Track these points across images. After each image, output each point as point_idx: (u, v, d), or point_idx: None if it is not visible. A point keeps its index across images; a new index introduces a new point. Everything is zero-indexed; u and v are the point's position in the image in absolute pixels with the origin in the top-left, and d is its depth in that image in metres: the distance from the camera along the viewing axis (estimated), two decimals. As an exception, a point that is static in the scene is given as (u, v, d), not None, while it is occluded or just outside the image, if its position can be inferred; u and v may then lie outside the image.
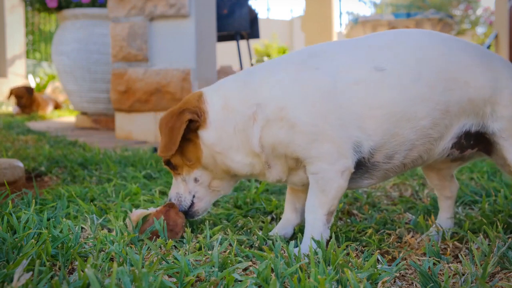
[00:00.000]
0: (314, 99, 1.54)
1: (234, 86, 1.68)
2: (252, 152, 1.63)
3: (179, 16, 4.76)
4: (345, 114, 1.54)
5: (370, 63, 1.59)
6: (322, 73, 1.58)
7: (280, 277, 1.25)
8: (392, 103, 1.55)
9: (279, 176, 1.67)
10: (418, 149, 1.62)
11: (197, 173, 1.72)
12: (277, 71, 1.63)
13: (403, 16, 7.19)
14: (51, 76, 11.68)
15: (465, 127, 1.63)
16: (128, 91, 4.94)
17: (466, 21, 15.14)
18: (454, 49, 1.64)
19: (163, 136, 1.66)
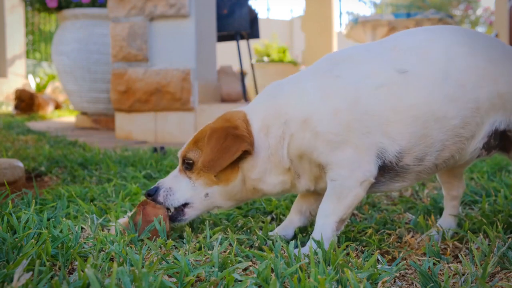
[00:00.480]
0: (336, 108, 1.52)
1: (266, 104, 1.63)
2: (283, 170, 1.61)
3: (179, 16, 4.76)
4: (369, 121, 1.51)
5: (392, 65, 1.56)
6: (343, 80, 1.56)
7: (280, 277, 1.25)
8: (417, 105, 1.53)
9: (307, 185, 1.65)
10: (450, 149, 1.59)
11: (215, 190, 1.65)
12: (302, 82, 1.61)
13: (403, 16, 7.19)
14: (51, 76, 11.68)
15: (495, 124, 1.60)
16: (128, 91, 4.94)
17: (466, 21, 15.14)
18: (482, 45, 1.62)
19: (211, 151, 1.57)
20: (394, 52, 1.60)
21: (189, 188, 1.67)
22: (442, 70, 1.55)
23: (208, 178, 1.64)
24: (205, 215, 1.97)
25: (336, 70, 1.60)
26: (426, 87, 1.53)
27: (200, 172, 1.64)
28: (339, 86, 1.56)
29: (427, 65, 1.55)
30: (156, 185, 1.70)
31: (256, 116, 1.62)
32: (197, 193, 1.66)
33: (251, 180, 1.62)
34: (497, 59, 1.60)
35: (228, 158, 1.55)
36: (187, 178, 1.67)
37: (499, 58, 1.61)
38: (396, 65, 1.56)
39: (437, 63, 1.56)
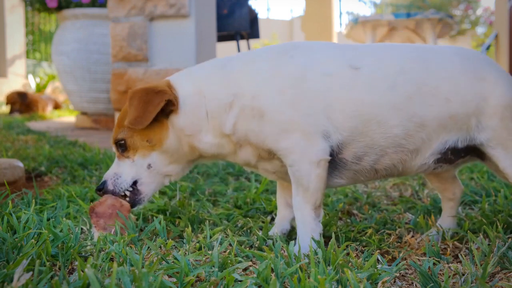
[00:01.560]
0: (282, 86, 1.55)
1: (211, 73, 1.67)
2: (222, 134, 1.63)
3: (179, 16, 4.77)
4: (313, 102, 1.54)
5: (346, 61, 1.60)
6: (294, 61, 1.60)
7: (280, 277, 1.25)
8: (361, 102, 1.55)
9: (248, 159, 1.67)
10: (391, 157, 1.60)
11: (154, 157, 1.68)
12: (257, 60, 1.64)
13: (403, 16, 7.19)
14: (51, 76, 11.68)
15: (448, 144, 1.60)
16: (128, 91, 4.93)
17: (466, 21, 15.13)
18: (438, 63, 1.61)
19: (135, 109, 1.60)
20: (353, 51, 1.64)
21: (131, 166, 1.70)
22: (392, 79, 1.56)
23: (143, 149, 1.68)
24: (205, 215, 1.97)
25: (292, 52, 1.63)
26: (373, 88, 1.56)
27: (135, 144, 1.68)
28: (288, 66, 1.59)
29: (379, 70, 1.58)
30: (102, 180, 1.74)
31: (188, 79, 1.67)
32: (140, 167, 1.69)
33: (186, 136, 1.65)
34: (453, 79, 1.58)
35: (153, 109, 1.59)
36: (126, 159, 1.70)
37: (456, 78, 1.59)
38: (350, 61, 1.59)
39: (389, 72, 1.57)
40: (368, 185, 2.69)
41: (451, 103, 1.57)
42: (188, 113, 1.63)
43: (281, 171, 1.68)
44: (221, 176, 2.82)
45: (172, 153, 1.68)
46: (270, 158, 1.64)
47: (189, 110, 1.63)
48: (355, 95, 1.55)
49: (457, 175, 1.91)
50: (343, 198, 2.34)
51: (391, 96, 1.56)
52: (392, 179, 2.77)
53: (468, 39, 14.96)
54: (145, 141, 1.67)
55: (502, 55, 7.83)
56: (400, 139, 1.58)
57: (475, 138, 1.60)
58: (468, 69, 1.61)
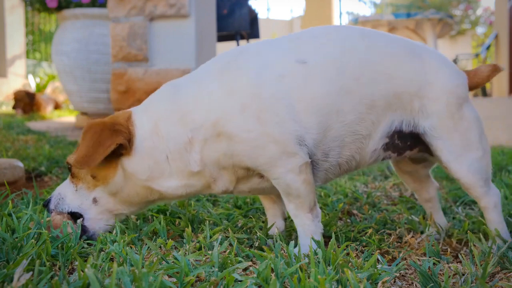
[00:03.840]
0: (241, 102, 1.46)
1: (164, 107, 1.55)
2: (190, 173, 1.54)
3: (179, 16, 4.77)
4: (276, 109, 1.46)
5: (292, 56, 1.53)
6: (244, 73, 1.51)
7: (280, 277, 1.25)
8: (319, 95, 1.50)
9: (225, 187, 1.59)
10: (349, 147, 1.57)
11: (98, 192, 1.60)
12: (204, 81, 1.54)
13: (403, 16, 7.19)
14: (51, 76, 11.68)
15: (394, 125, 1.58)
16: (128, 91, 4.94)
17: (466, 21, 15.14)
18: (380, 41, 1.60)
19: (85, 146, 1.51)
20: (295, 43, 1.57)
21: (74, 194, 1.62)
22: (339, 63, 1.53)
23: (87, 181, 1.59)
24: (205, 215, 1.97)
25: (236, 63, 1.54)
26: (323, 77, 1.51)
27: (79, 174, 1.60)
28: (240, 79, 1.49)
29: (326, 57, 1.53)
30: (51, 196, 1.67)
31: (148, 117, 1.55)
32: (84, 199, 1.61)
33: (140, 180, 1.56)
34: (395, 56, 1.57)
35: (102, 152, 1.48)
36: (72, 184, 1.63)
37: (398, 54, 1.57)
38: (296, 56, 1.53)
39: (335, 56, 1.53)
40: (368, 185, 2.70)
41: (394, 80, 1.55)
42: (144, 156, 1.53)
43: (257, 189, 1.63)
44: (221, 176, 2.81)
45: (118, 193, 1.59)
46: (248, 176, 1.58)
47: (146, 153, 1.53)
48: (310, 89, 1.50)
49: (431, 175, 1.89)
50: (343, 198, 2.34)
51: (340, 81, 1.51)
52: (392, 179, 2.77)
53: (468, 39, 14.97)
54: (90, 176, 1.59)
55: (502, 55, 7.83)
56: (355, 125, 1.54)
57: (419, 125, 1.58)
58: (412, 52, 1.60)
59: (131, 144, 1.53)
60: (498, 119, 5.85)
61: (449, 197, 2.39)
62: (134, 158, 1.54)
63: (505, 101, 6.49)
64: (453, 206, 2.24)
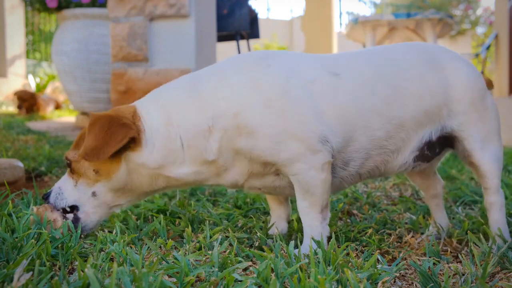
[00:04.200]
0: (267, 98, 1.48)
1: (180, 98, 1.55)
2: (203, 161, 1.54)
3: (179, 16, 4.77)
4: (302, 109, 1.48)
5: (324, 68, 1.57)
6: (274, 70, 1.52)
7: (280, 277, 1.25)
8: (347, 108, 1.54)
9: (235, 179, 1.58)
10: (374, 159, 1.61)
11: (99, 187, 1.59)
12: (230, 74, 1.54)
13: (403, 16, 7.19)
14: (51, 76, 11.67)
15: (424, 138, 1.63)
16: (128, 91, 4.94)
17: (466, 21, 15.13)
18: (405, 63, 1.64)
19: (94, 139, 1.48)
20: (327, 59, 1.62)
21: (73, 189, 1.61)
22: (370, 86, 1.57)
23: (88, 176, 1.58)
24: (205, 215, 1.97)
25: (266, 60, 1.56)
26: (355, 94, 1.55)
27: (80, 170, 1.58)
28: (269, 76, 1.51)
29: (358, 77, 1.58)
30: (51, 189, 1.67)
31: (158, 107, 1.54)
32: (83, 193, 1.60)
33: (150, 169, 1.54)
34: (421, 75, 1.62)
35: (115, 144, 1.47)
36: (71, 179, 1.62)
37: (424, 74, 1.62)
38: (328, 68, 1.57)
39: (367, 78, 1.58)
40: (368, 185, 2.69)
41: (423, 100, 1.61)
42: (156, 148, 1.52)
43: (269, 187, 1.63)
44: (221, 176, 2.81)
45: (120, 186, 1.59)
46: (263, 174, 1.58)
47: (158, 145, 1.52)
48: (341, 100, 1.54)
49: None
50: (343, 198, 2.34)
51: (372, 102, 1.56)
52: (392, 179, 2.77)
53: (468, 39, 14.97)
54: (92, 170, 1.57)
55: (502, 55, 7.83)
56: (382, 141, 1.59)
57: (446, 126, 1.64)
58: (430, 63, 1.65)
59: (140, 138, 1.52)
60: (498, 119, 5.83)
61: (449, 197, 2.39)
62: (144, 150, 1.52)
63: (505, 101, 6.49)
64: (453, 206, 2.24)
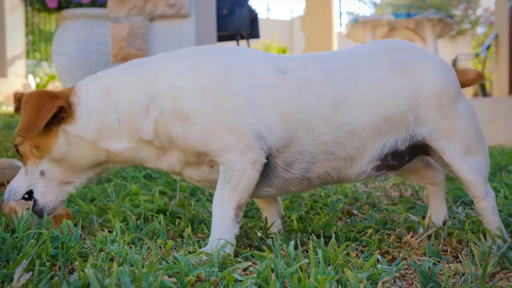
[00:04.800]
0: (205, 86, 1.49)
1: (124, 75, 1.59)
2: (140, 139, 1.57)
3: (179, 16, 4.77)
4: (238, 100, 1.48)
5: (272, 65, 1.55)
6: (217, 61, 1.54)
7: (280, 277, 1.25)
8: (290, 106, 1.51)
9: (172, 165, 1.60)
10: (323, 165, 1.55)
11: (44, 164, 1.62)
12: (176, 60, 1.57)
13: (403, 16, 7.19)
14: (51, 76, 11.67)
15: (386, 147, 1.56)
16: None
17: (466, 21, 15.13)
18: (365, 67, 1.56)
19: (27, 115, 1.53)
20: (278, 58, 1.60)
21: (23, 177, 1.64)
22: (318, 88, 1.52)
23: (33, 155, 1.61)
24: (205, 215, 1.97)
25: (213, 52, 1.58)
26: (301, 94, 1.51)
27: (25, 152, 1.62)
28: (210, 65, 1.53)
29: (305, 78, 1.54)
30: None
31: (97, 83, 1.60)
32: (32, 175, 1.63)
33: (88, 141, 1.58)
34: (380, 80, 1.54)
35: (44, 115, 1.52)
36: (22, 169, 1.66)
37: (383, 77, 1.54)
38: (276, 66, 1.55)
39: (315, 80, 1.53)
40: (368, 185, 2.69)
41: (382, 106, 1.53)
42: (92, 120, 1.57)
43: (208, 180, 1.62)
44: (221, 176, 2.81)
45: (64, 160, 1.61)
46: (198, 164, 1.58)
47: (93, 117, 1.56)
48: (283, 98, 1.51)
49: None
50: (343, 198, 2.34)
51: (318, 104, 1.51)
52: (392, 179, 2.77)
53: (468, 39, 14.96)
54: (34, 148, 1.61)
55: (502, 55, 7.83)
56: (331, 146, 1.53)
57: (415, 135, 1.57)
58: (395, 65, 1.56)
59: (73, 110, 1.57)
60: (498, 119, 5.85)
61: (449, 197, 2.39)
62: (79, 122, 1.57)
63: (505, 101, 6.49)
64: (453, 206, 2.24)
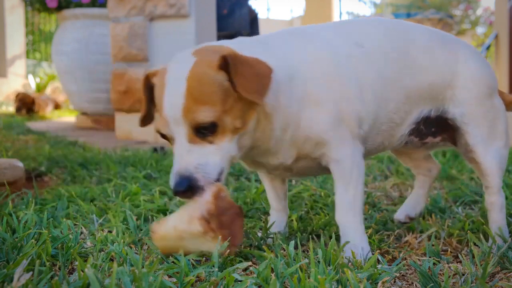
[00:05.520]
0: (327, 72, 1.45)
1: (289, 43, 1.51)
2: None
3: (179, 16, 4.77)
4: (348, 86, 1.46)
5: (351, 39, 1.55)
6: (324, 45, 1.50)
7: (280, 277, 1.25)
8: (376, 80, 1.52)
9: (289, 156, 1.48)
10: (383, 135, 1.59)
11: (235, 141, 1.35)
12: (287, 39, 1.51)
13: (403, 16, 7.20)
14: (51, 76, 11.66)
15: (423, 113, 1.61)
16: (128, 91, 4.94)
17: (466, 21, 15.14)
18: (416, 33, 1.63)
19: (251, 79, 1.28)
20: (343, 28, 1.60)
21: (216, 153, 1.32)
22: (385, 51, 1.55)
23: (230, 131, 1.33)
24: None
25: (310, 35, 1.54)
26: (377, 64, 1.53)
27: (224, 127, 1.31)
28: (323, 49, 1.49)
29: (376, 46, 1.56)
30: (177, 176, 1.30)
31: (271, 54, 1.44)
32: (226, 152, 1.34)
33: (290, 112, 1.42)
34: (430, 48, 1.61)
35: (267, 83, 1.30)
36: (208, 143, 1.31)
37: (432, 47, 1.62)
38: (353, 39, 1.55)
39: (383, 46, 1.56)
40: (368, 185, 2.69)
41: (429, 72, 1.59)
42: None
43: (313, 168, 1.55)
44: (221, 176, 2.81)
45: (250, 134, 1.39)
46: (306, 156, 1.49)
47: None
48: (371, 74, 1.51)
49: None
50: (343, 198, 2.34)
51: (388, 69, 1.54)
52: (392, 179, 2.77)
53: (468, 39, 14.96)
54: (236, 121, 1.32)
55: (502, 55, 7.83)
56: (392, 114, 1.56)
57: (448, 111, 1.62)
58: (443, 42, 1.64)
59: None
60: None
61: (449, 197, 2.39)
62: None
63: (505, 101, 6.46)
64: (453, 206, 2.24)
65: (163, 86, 1.37)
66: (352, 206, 1.48)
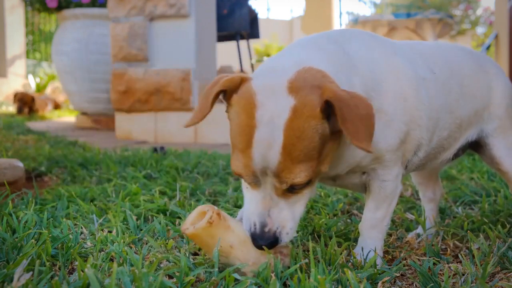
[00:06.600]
0: (407, 91, 1.36)
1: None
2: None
3: (179, 16, 4.77)
4: (421, 111, 1.39)
5: (426, 61, 1.50)
6: (405, 61, 1.39)
7: (280, 277, 1.25)
8: (440, 108, 1.48)
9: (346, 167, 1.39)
10: (429, 158, 1.58)
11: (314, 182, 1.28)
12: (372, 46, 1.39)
13: (403, 16, 7.19)
14: (51, 76, 11.67)
15: (468, 138, 1.63)
16: (128, 91, 4.94)
17: (466, 21, 15.14)
18: (463, 62, 1.63)
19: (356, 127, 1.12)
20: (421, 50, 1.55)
21: (302, 203, 1.26)
22: (447, 81, 1.53)
23: (319, 175, 1.25)
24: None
25: (390, 46, 1.42)
26: (442, 93, 1.51)
27: (316, 177, 1.24)
28: (405, 66, 1.37)
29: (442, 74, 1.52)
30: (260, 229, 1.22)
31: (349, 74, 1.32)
32: (309, 197, 1.28)
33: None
34: (474, 75, 1.62)
35: (373, 125, 1.16)
36: (294, 195, 1.23)
37: (476, 75, 1.62)
38: (427, 64, 1.49)
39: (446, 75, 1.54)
40: (368, 185, 2.70)
41: (476, 99, 1.60)
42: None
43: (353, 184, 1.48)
44: (221, 176, 2.81)
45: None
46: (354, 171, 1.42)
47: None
48: (437, 101, 1.47)
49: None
50: (343, 198, 2.34)
51: (448, 99, 1.52)
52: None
53: (468, 39, 14.97)
54: (325, 166, 1.23)
55: (502, 55, 7.83)
56: (443, 140, 1.56)
57: (483, 130, 1.64)
58: (478, 65, 1.65)
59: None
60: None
61: (449, 197, 2.39)
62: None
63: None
64: (453, 206, 2.24)
65: (250, 126, 1.15)
66: (380, 224, 1.47)
